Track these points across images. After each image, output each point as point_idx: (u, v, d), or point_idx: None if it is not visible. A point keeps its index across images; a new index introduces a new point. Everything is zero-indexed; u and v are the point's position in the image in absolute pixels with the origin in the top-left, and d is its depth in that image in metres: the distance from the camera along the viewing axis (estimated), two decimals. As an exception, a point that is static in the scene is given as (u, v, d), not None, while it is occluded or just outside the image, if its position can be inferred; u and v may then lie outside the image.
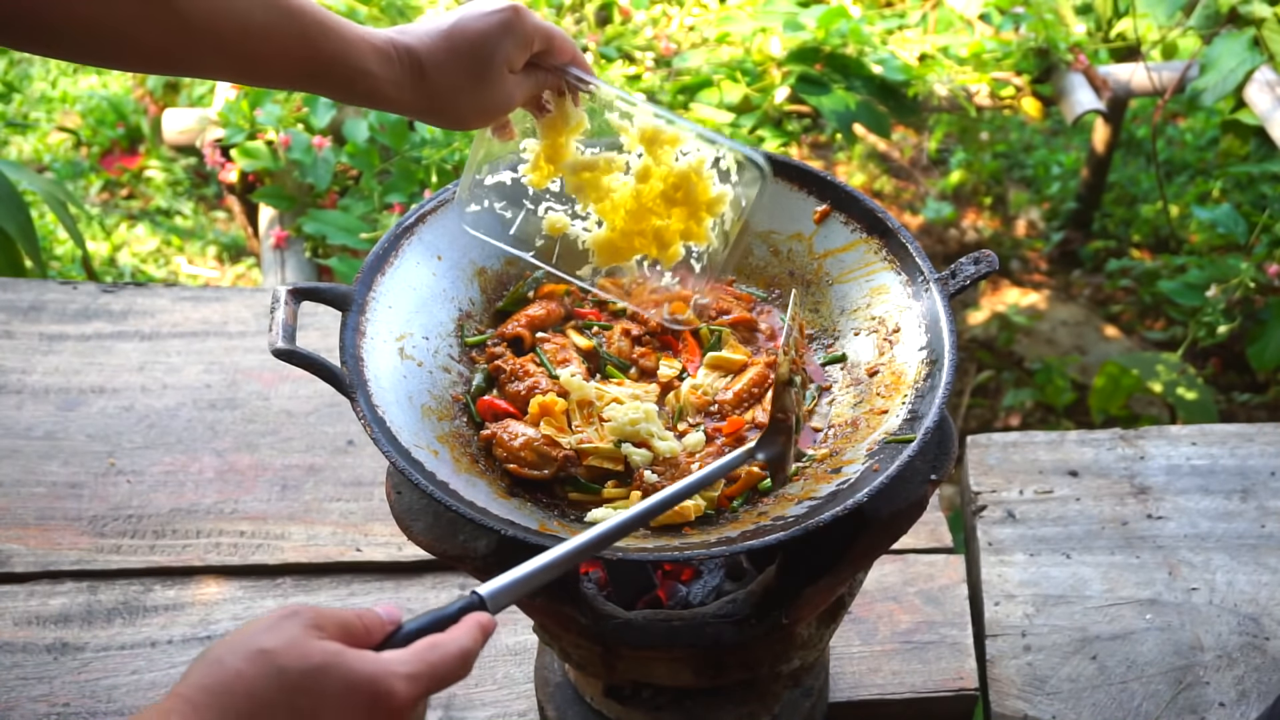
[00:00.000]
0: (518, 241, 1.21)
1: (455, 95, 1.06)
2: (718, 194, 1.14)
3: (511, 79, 1.08)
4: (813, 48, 3.21)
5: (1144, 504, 1.83)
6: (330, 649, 0.76)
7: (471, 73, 1.05)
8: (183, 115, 3.18)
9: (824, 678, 1.51)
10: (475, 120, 1.10)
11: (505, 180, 1.21)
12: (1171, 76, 3.38)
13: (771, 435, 1.08)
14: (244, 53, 0.98)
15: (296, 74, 1.02)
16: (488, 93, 1.07)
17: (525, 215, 1.22)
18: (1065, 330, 3.83)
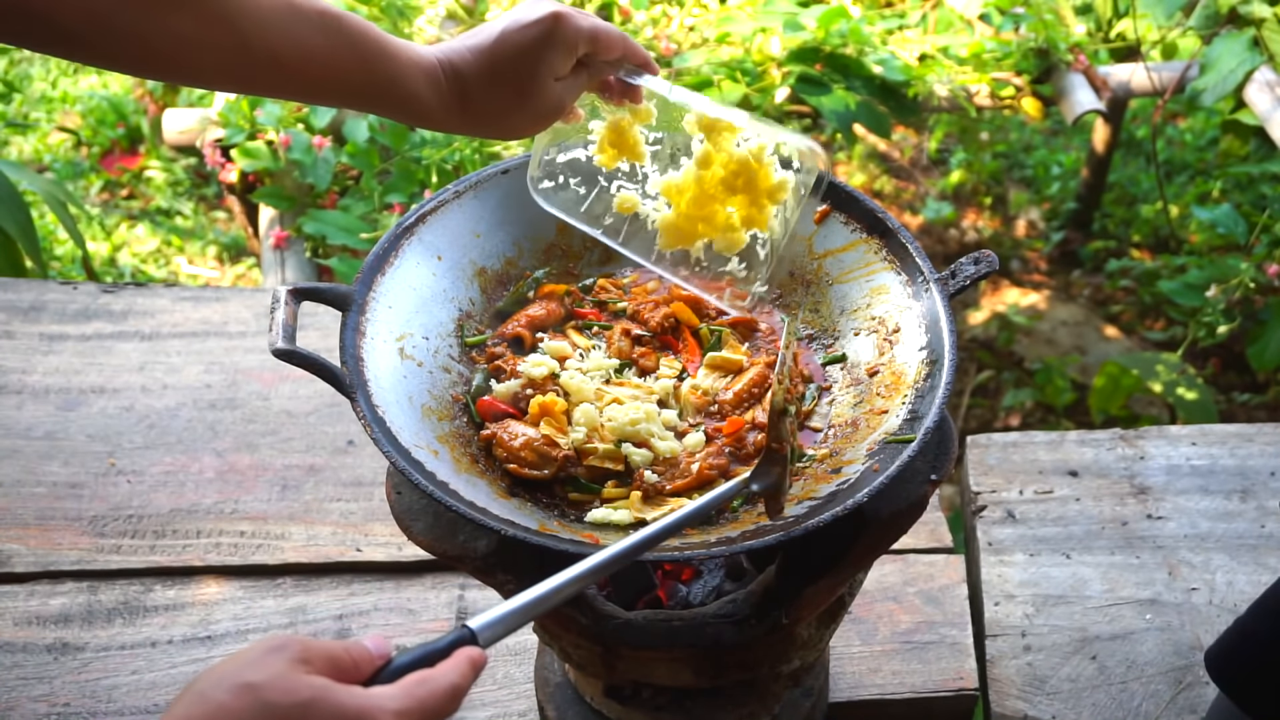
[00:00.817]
0: (588, 218, 1.23)
1: (502, 111, 1.07)
2: (779, 181, 1.16)
3: (559, 85, 1.08)
4: (813, 48, 3.21)
5: (1144, 504, 1.83)
6: (317, 684, 0.75)
7: (516, 87, 1.06)
8: (183, 115, 3.18)
9: (824, 678, 1.51)
10: (525, 130, 1.11)
11: (580, 157, 1.23)
12: (1171, 76, 3.38)
13: (766, 465, 1.05)
14: (303, 76, 1.00)
15: (351, 95, 1.03)
16: (533, 103, 1.07)
17: (598, 192, 1.24)
18: (1065, 330, 3.83)
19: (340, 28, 0.99)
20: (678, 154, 1.22)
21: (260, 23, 0.95)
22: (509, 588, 1.12)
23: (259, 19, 0.95)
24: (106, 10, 0.90)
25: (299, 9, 0.98)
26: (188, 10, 0.93)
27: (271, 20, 0.96)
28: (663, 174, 1.21)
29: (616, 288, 1.35)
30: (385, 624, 1.67)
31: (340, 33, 0.99)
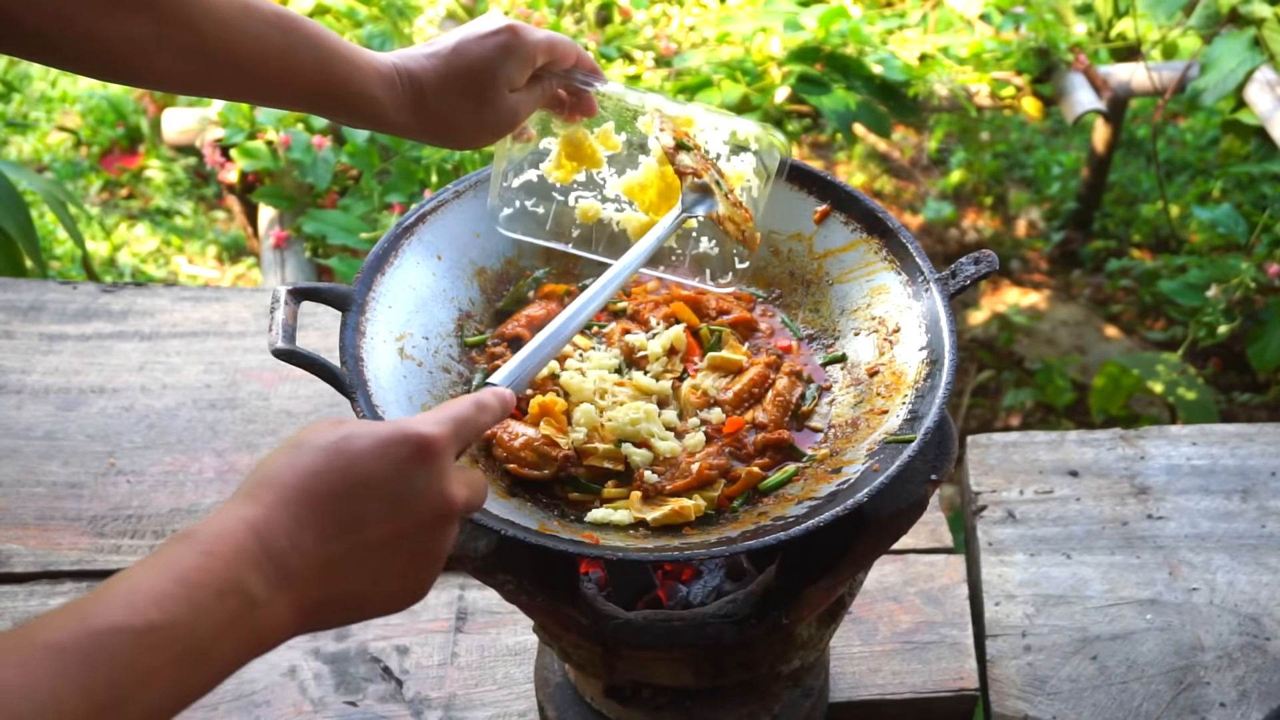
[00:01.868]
0: (555, 235, 1.26)
1: (456, 118, 1.08)
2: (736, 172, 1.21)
3: (514, 97, 1.10)
4: (813, 48, 3.21)
5: (1144, 504, 1.83)
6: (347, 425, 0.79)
7: (472, 96, 1.07)
8: (183, 115, 3.18)
9: (824, 678, 1.51)
10: (479, 140, 1.12)
11: (532, 178, 1.25)
12: (1171, 76, 3.38)
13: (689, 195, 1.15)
14: (259, 75, 1.01)
15: (305, 96, 1.04)
16: (489, 113, 1.09)
17: (557, 208, 1.27)
18: (1065, 330, 3.83)
19: (296, 29, 1.01)
20: (634, 154, 1.25)
21: (219, 23, 0.97)
22: (509, 588, 1.12)
23: (218, 19, 0.97)
24: (67, 12, 0.91)
25: (255, 10, 0.99)
26: (148, 11, 0.94)
27: (230, 20, 0.97)
28: (621, 175, 1.25)
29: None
30: (385, 624, 1.67)
31: (296, 34, 1.00)
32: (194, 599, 0.66)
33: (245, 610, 0.69)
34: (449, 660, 1.63)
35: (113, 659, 0.61)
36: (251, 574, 0.69)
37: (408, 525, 0.77)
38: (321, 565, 0.74)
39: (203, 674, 0.67)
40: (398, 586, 0.79)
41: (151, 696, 0.63)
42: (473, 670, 1.62)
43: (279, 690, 1.59)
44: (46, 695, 0.58)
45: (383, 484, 0.76)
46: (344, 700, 1.58)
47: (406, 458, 0.78)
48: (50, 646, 0.60)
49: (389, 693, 1.59)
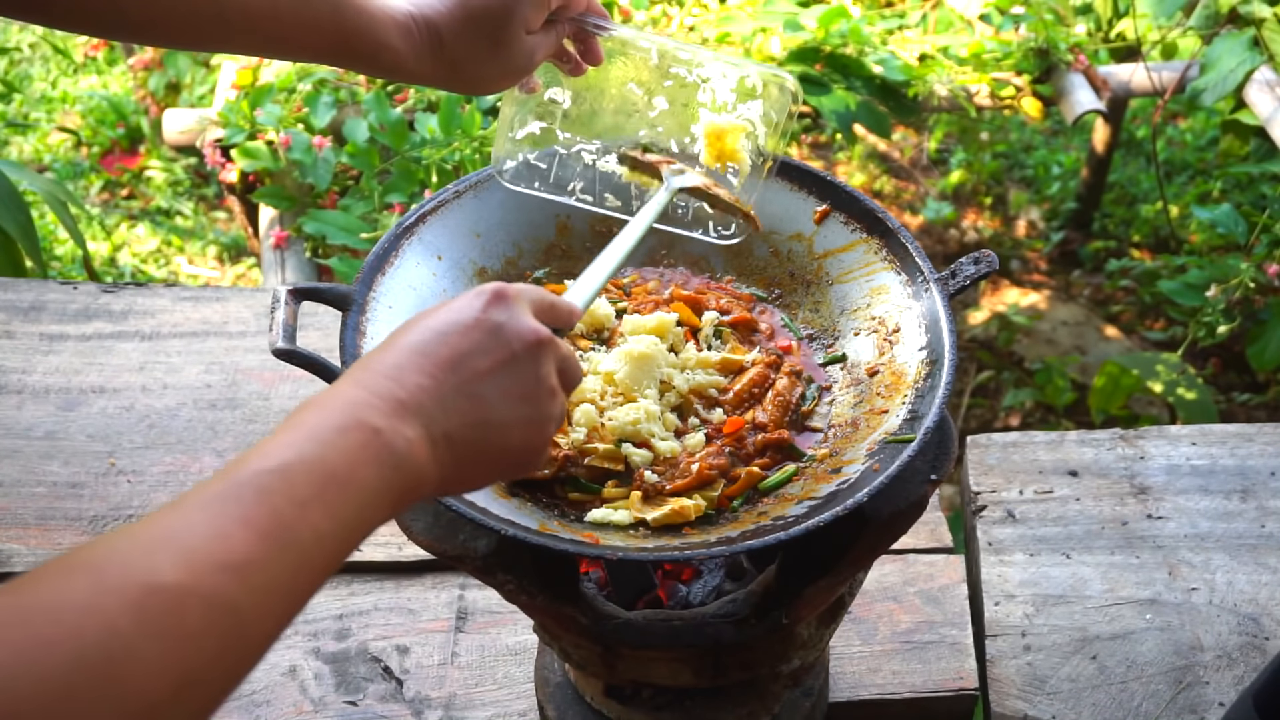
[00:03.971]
0: (557, 188, 1.27)
1: (475, 62, 1.08)
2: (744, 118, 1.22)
3: (530, 39, 1.10)
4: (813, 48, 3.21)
5: (1144, 504, 1.83)
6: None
7: (490, 39, 1.07)
8: (183, 115, 3.18)
9: (824, 678, 1.51)
10: (498, 84, 1.12)
11: (535, 130, 1.26)
12: (1171, 76, 3.38)
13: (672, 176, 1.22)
14: (274, 29, 1.01)
15: (322, 49, 1.04)
16: (507, 56, 1.09)
17: (559, 160, 1.28)
18: (1065, 330, 3.83)
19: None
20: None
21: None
22: (509, 588, 1.13)
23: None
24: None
25: None
26: None
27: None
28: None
29: (616, 287, 1.35)
30: (385, 624, 1.67)
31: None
32: (317, 439, 0.69)
33: (371, 439, 0.71)
34: (449, 660, 1.63)
35: (261, 494, 0.64)
36: (365, 411, 0.72)
37: (505, 355, 0.81)
38: (433, 396, 0.76)
39: (353, 503, 0.69)
40: (521, 419, 0.81)
41: (312, 524, 0.65)
42: (473, 670, 1.62)
43: (279, 690, 1.59)
44: (211, 531, 0.61)
45: (470, 325, 0.80)
46: (344, 700, 1.58)
47: (484, 303, 0.82)
48: (205, 498, 0.63)
49: (389, 692, 1.59)
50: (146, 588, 0.57)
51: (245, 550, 0.61)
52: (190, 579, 0.58)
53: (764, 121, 1.21)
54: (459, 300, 0.82)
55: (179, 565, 0.59)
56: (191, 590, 0.58)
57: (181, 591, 0.58)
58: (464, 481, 0.81)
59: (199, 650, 0.58)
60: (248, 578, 0.61)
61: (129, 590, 0.56)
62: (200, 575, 0.59)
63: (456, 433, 0.77)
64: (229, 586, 0.60)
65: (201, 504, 0.63)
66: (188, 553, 0.59)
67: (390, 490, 0.72)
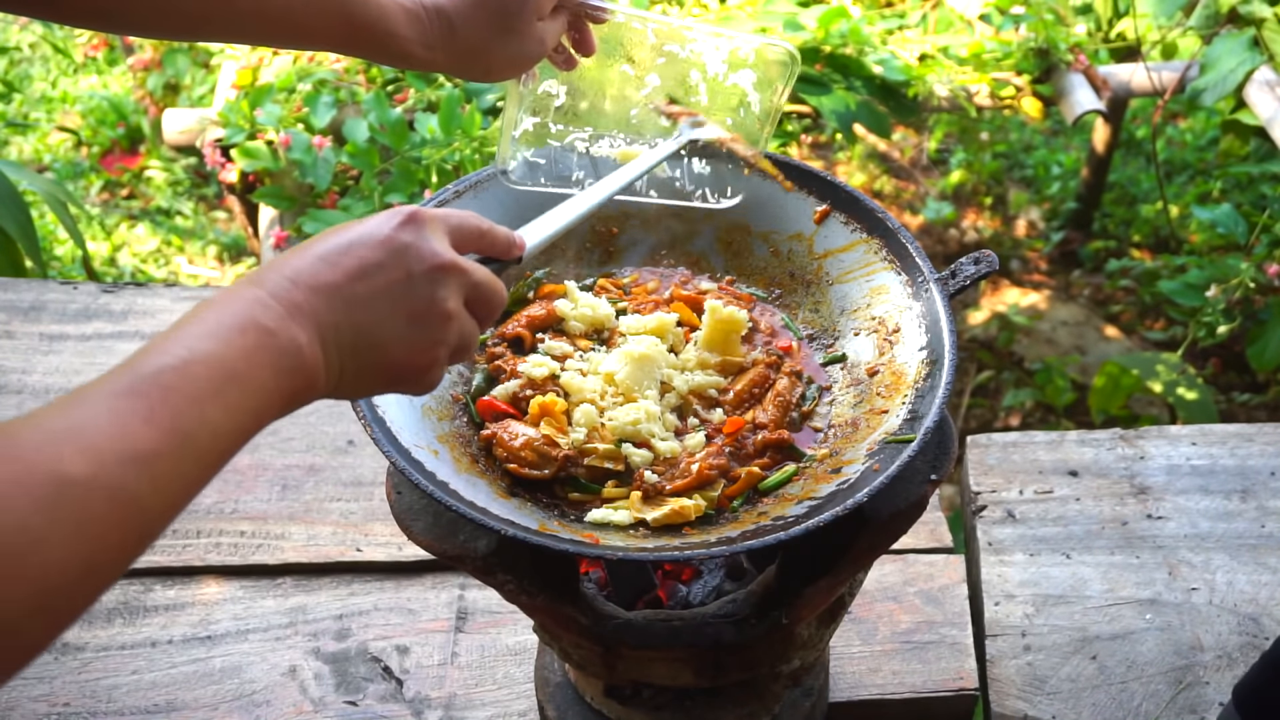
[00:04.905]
0: (558, 181, 1.28)
1: (487, 50, 1.08)
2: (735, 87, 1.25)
3: (541, 26, 1.10)
4: (813, 48, 3.20)
5: (1144, 504, 1.83)
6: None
7: (501, 26, 1.07)
8: (183, 115, 3.18)
9: (824, 678, 1.51)
10: (508, 71, 1.13)
11: (529, 128, 1.27)
12: (1171, 76, 3.38)
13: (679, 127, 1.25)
14: (284, 18, 1.01)
15: (330, 36, 1.04)
16: (519, 44, 1.09)
17: (555, 153, 1.28)
18: (1065, 330, 3.83)
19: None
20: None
21: None
22: (509, 588, 1.13)
23: None
24: None
25: None
26: None
27: None
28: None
29: (616, 287, 1.35)
30: (385, 624, 1.67)
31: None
32: (216, 336, 0.71)
33: (267, 340, 0.73)
34: (449, 660, 1.63)
35: (165, 391, 0.67)
36: (260, 310, 0.74)
37: (403, 274, 0.82)
38: (327, 301, 0.78)
39: (251, 401, 0.72)
40: (411, 339, 0.83)
41: (210, 420, 0.68)
42: (473, 670, 1.62)
43: (279, 690, 1.59)
44: (115, 427, 0.64)
45: (376, 241, 0.82)
46: (344, 700, 1.58)
47: (396, 223, 0.83)
48: (109, 393, 0.66)
49: (389, 692, 1.59)
50: (55, 479, 0.60)
51: (149, 445, 0.64)
52: (97, 472, 0.61)
53: (756, 88, 1.23)
54: (378, 216, 0.84)
55: (87, 459, 0.61)
56: (98, 483, 0.61)
57: (88, 484, 0.61)
58: (354, 388, 0.83)
59: (103, 539, 0.61)
60: (150, 470, 0.64)
61: (37, 483, 0.59)
62: (106, 468, 0.62)
63: (346, 341, 0.79)
64: (133, 479, 0.63)
65: (106, 398, 0.65)
66: (94, 447, 0.62)
67: (282, 390, 0.74)
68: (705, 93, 1.26)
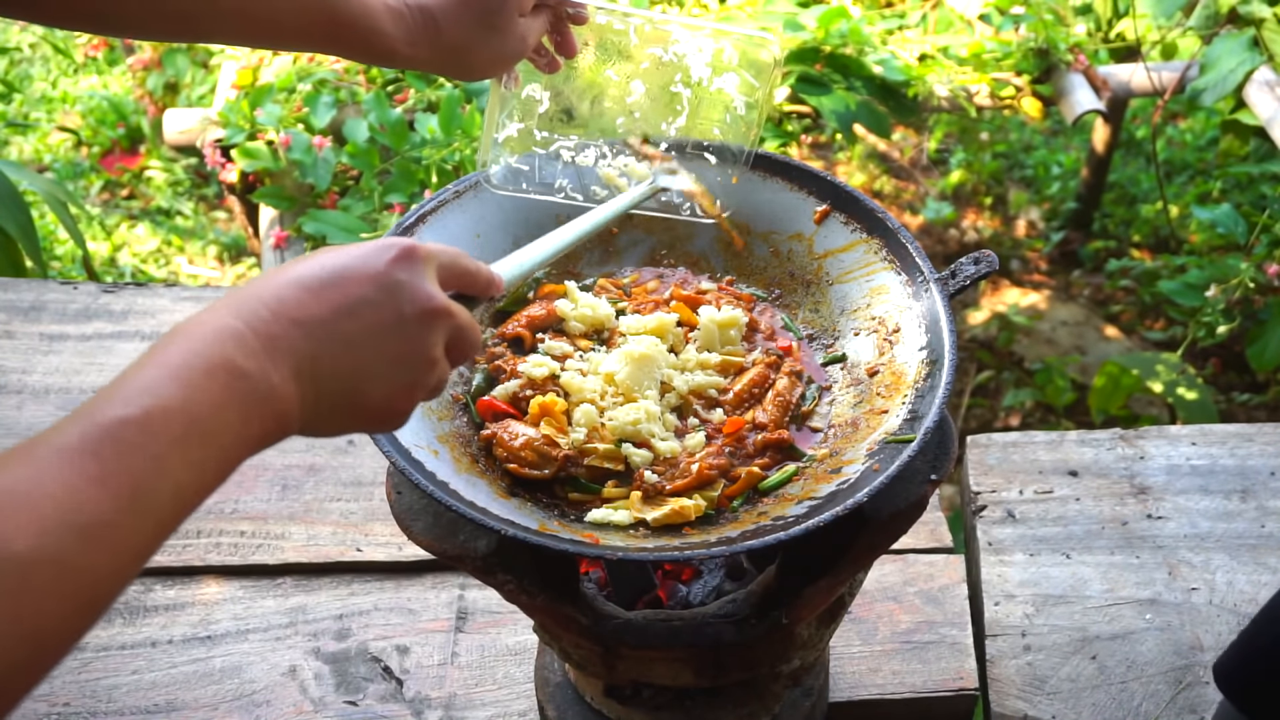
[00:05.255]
0: (542, 188, 1.28)
1: (470, 47, 1.09)
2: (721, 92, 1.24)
3: (523, 22, 1.10)
4: (813, 48, 3.20)
5: (1144, 504, 1.83)
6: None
7: (485, 23, 1.07)
8: (183, 115, 3.19)
9: (824, 678, 1.51)
10: (491, 69, 1.13)
11: (513, 133, 1.27)
12: (1171, 76, 3.38)
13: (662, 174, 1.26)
14: (266, 17, 1.01)
15: (313, 34, 1.04)
16: (501, 41, 1.09)
17: (540, 160, 1.29)
18: (1065, 330, 3.83)
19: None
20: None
21: None
22: (509, 588, 1.13)
23: None
24: None
25: None
26: None
27: None
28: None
29: (616, 287, 1.35)
30: (385, 624, 1.67)
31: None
32: (181, 380, 0.66)
33: (240, 384, 0.69)
34: (449, 660, 1.63)
35: (119, 448, 0.61)
36: (234, 347, 0.69)
37: (392, 317, 0.78)
38: (309, 337, 0.74)
39: (216, 451, 0.67)
40: (389, 384, 0.79)
41: (171, 478, 0.63)
42: (473, 670, 1.62)
43: (279, 690, 1.59)
44: (64, 491, 0.59)
45: (368, 276, 0.77)
46: (344, 700, 1.58)
47: (390, 258, 0.79)
48: (60, 449, 0.61)
49: (389, 692, 1.59)
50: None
51: (99, 512, 0.59)
52: (40, 544, 0.57)
53: (739, 90, 1.23)
54: (369, 245, 0.80)
55: (29, 530, 0.56)
56: (41, 556, 0.56)
57: (31, 559, 0.56)
58: (324, 427, 0.79)
59: (47, 615, 0.57)
60: (101, 539, 0.59)
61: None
62: (50, 539, 0.57)
63: (324, 380, 0.75)
64: (81, 550, 0.58)
65: (55, 455, 0.60)
66: (38, 516, 0.57)
67: (251, 435, 0.70)
68: (689, 100, 1.25)
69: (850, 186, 1.31)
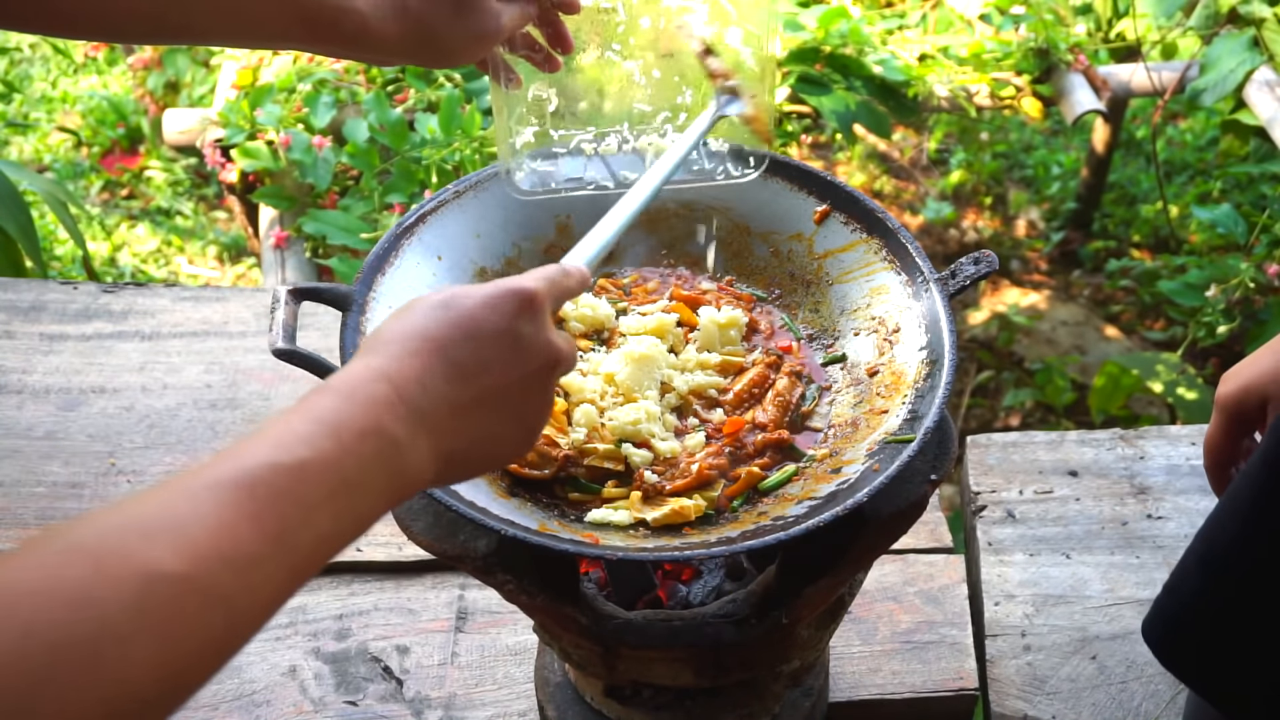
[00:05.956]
0: (572, 184, 1.27)
1: (439, 23, 1.08)
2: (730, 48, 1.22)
3: (495, 5, 1.10)
4: (813, 48, 3.20)
5: (1144, 504, 1.83)
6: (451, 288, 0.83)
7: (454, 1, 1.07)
8: (183, 115, 3.19)
9: (824, 678, 1.51)
10: (466, 52, 1.12)
11: (530, 137, 1.27)
12: (1171, 76, 3.38)
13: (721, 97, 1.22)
14: (235, 8, 1.00)
15: (285, 21, 1.03)
16: (472, 19, 1.09)
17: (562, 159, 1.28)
18: (1065, 330, 3.83)
19: None
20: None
21: None
22: (509, 588, 1.13)
23: None
24: None
25: None
26: None
27: None
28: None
29: (616, 287, 1.35)
30: (385, 624, 1.67)
31: None
32: (339, 438, 0.68)
33: (389, 449, 0.71)
34: (449, 660, 1.63)
35: (274, 491, 0.63)
36: (389, 417, 0.72)
37: (521, 371, 0.81)
38: (452, 409, 0.77)
39: (357, 508, 0.69)
40: (517, 431, 0.84)
41: (316, 527, 0.65)
42: (473, 670, 1.62)
43: (279, 690, 1.59)
44: (218, 523, 0.60)
45: (496, 333, 0.80)
46: (344, 700, 1.58)
47: (514, 310, 0.81)
48: (213, 484, 0.62)
49: (389, 692, 1.59)
50: (147, 576, 0.56)
51: (250, 548, 0.61)
52: (192, 570, 0.57)
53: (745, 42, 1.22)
54: (491, 297, 0.81)
55: (182, 555, 0.57)
56: (192, 583, 0.57)
57: (182, 584, 0.57)
58: (450, 482, 0.83)
59: (190, 644, 0.57)
60: (247, 575, 0.60)
61: (127, 580, 0.55)
62: (202, 568, 0.58)
63: (459, 446, 0.78)
64: (228, 582, 0.59)
65: (210, 490, 0.61)
66: (192, 543, 0.58)
67: (392, 496, 0.73)
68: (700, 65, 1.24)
69: (850, 186, 1.31)
